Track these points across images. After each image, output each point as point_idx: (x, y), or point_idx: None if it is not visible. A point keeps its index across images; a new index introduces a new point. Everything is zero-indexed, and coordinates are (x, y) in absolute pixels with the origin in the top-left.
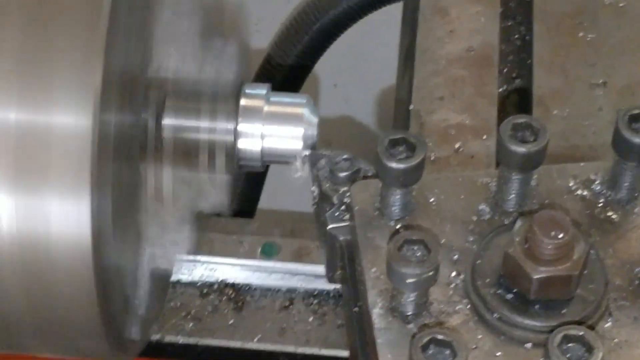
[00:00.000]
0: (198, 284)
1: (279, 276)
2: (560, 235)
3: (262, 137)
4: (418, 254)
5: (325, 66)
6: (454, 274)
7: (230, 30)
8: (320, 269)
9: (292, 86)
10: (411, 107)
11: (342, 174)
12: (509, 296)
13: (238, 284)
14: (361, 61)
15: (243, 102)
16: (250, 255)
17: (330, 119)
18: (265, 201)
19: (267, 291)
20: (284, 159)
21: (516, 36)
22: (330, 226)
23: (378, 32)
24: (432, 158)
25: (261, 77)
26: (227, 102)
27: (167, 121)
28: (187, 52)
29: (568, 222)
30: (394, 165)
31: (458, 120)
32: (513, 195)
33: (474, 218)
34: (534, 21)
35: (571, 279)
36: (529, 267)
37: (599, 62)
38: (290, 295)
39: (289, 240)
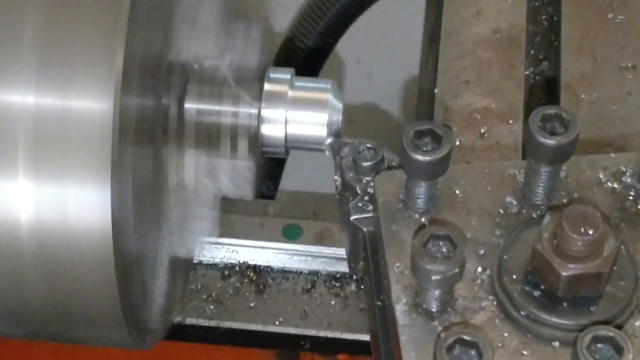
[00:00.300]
0: (219, 266)
1: (301, 258)
2: (590, 232)
3: (286, 122)
4: (443, 250)
5: (348, 42)
6: (479, 269)
7: (253, 13)
8: (343, 251)
9: (314, 67)
10: (436, 90)
11: (366, 164)
12: (537, 293)
13: (259, 266)
14: (385, 37)
15: (267, 86)
16: (272, 237)
17: (353, 96)
18: (287, 182)
19: (288, 274)
20: (308, 145)
21: (544, 17)
22: (353, 217)
23: (403, 7)
24: (457, 143)
25: (282, 56)
26: (251, 86)
27: (189, 105)
28: (209, 35)
29: (598, 218)
30: (419, 157)
31: (484, 105)
32: (541, 188)
33: (501, 211)
34: (562, 1)
35: (601, 276)
36: (558, 264)
37: (628, 44)
38: (312, 278)
39: (312, 222)
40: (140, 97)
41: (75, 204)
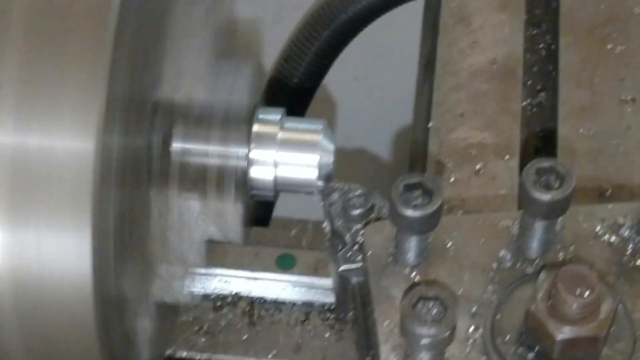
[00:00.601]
0: (211, 297)
1: (294, 289)
2: (586, 293)
3: (276, 165)
4: (434, 312)
5: (346, 58)
6: (472, 328)
7: (243, 52)
8: None
9: (301, 104)
10: (430, 124)
11: (355, 212)
12: (531, 356)
13: (252, 297)
14: (383, 55)
15: (256, 128)
16: (265, 267)
17: (351, 110)
18: (281, 209)
19: (282, 305)
20: (298, 188)
21: (541, 45)
22: (342, 268)
23: (399, 32)
24: (451, 180)
25: (269, 94)
26: (239, 127)
27: (176, 145)
28: (198, 74)
29: (594, 279)
30: (409, 213)
31: (479, 139)
32: (536, 242)
33: (494, 265)
34: (560, 30)
35: (597, 339)
36: (553, 327)
37: (628, 76)
38: (306, 310)
39: (306, 252)
40: (123, 137)
41: (52, 251)
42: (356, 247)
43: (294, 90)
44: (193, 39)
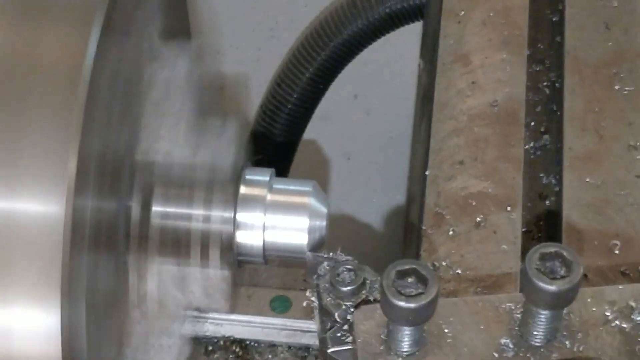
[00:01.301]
0: (202, 340)
1: (290, 333)
2: None
3: (264, 228)
4: None
5: (345, 76)
6: None
7: (228, 109)
8: None
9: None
10: (427, 172)
11: (345, 288)
12: None
13: (245, 341)
14: (382, 72)
15: (243, 190)
16: (258, 310)
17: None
18: None
19: (277, 349)
20: (288, 254)
21: (545, 83)
22: (331, 350)
23: (400, 45)
24: (450, 233)
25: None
26: (225, 188)
27: (156, 208)
28: (180, 133)
29: None
30: (402, 304)
31: (480, 189)
32: (540, 331)
33: (496, 355)
34: (565, 69)
35: None
36: None
37: (637, 120)
38: (302, 354)
39: (301, 294)
40: (98, 199)
41: (19, 330)
42: (346, 326)
43: (289, 115)
44: (174, 96)
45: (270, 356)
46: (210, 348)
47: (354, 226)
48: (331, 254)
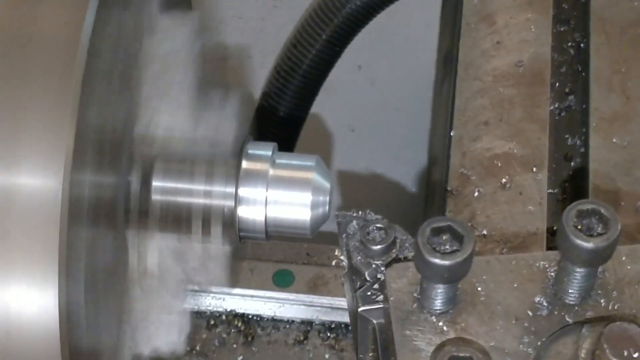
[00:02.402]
0: (205, 315)
1: (292, 307)
2: (635, 355)
3: (266, 204)
4: None
5: (348, 47)
6: None
7: (231, 81)
8: (338, 300)
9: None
10: (452, 133)
11: (376, 247)
12: None
13: (248, 315)
14: (389, 41)
15: (245, 164)
16: (261, 284)
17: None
18: None
19: (279, 323)
20: (291, 230)
21: (570, 43)
22: (361, 308)
23: (412, 11)
24: (475, 194)
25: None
26: (226, 163)
27: (156, 183)
28: (181, 106)
29: None
30: (437, 261)
31: (505, 150)
32: (575, 289)
33: (530, 313)
34: (590, 30)
35: None
36: None
37: None
38: (305, 328)
39: (304, 268)
40: (97, 174)
41: (17, 306)
42: (376, 285)
43: (303, 77)
44: (175, 68)
45: (272, 330)
46: (212, 322)
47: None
48: (360, 212)
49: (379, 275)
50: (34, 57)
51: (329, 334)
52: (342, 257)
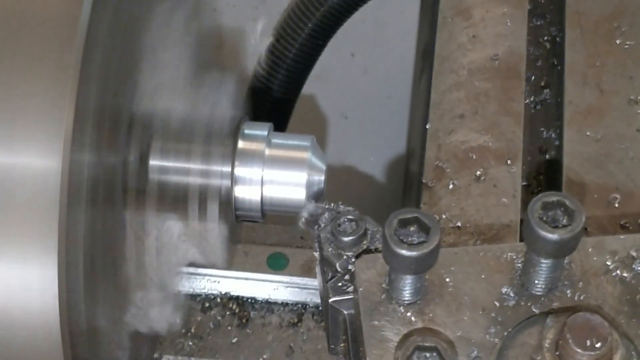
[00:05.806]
0: (199, 297)
1: (286, 290)
2: (597, 345)
3: (262, 183)
4: None
5: (342, 35)
6: None
7: (227, 62)
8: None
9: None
10: (428, 126)
11: (346, 238)
12: None
13: (242, 298)
14: (382, 30)
15: (241, 144)
16: (256, 267)
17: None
18: None
19: (273, 306)
20: (287, 208)
21: (546, 38)
22: (332, 299)
23: (397, 3)
24: (450, 187)
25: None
26: (223, 142)
27: (154, 162)
28: (178, 86)
29: (606, 328)
30: (404, 252)
31: (480, 142)
32: (541, 280)
33: (497, 304)
34: (565, 24)
35: None
36: None
37: (638, 74)
38: (299, 311)
39: (298, 251)
40: (95, 153)
41: (17, 285)
42: (347, 276)
43: (287, 71)
44: (172, 49)
45: (267, 313)
46: (207, 305)
47: (351, 181)
48: (332, 204)
49: (349, 267)
50: (32, 37)
51: (323, 317)
52: (314, 249)
